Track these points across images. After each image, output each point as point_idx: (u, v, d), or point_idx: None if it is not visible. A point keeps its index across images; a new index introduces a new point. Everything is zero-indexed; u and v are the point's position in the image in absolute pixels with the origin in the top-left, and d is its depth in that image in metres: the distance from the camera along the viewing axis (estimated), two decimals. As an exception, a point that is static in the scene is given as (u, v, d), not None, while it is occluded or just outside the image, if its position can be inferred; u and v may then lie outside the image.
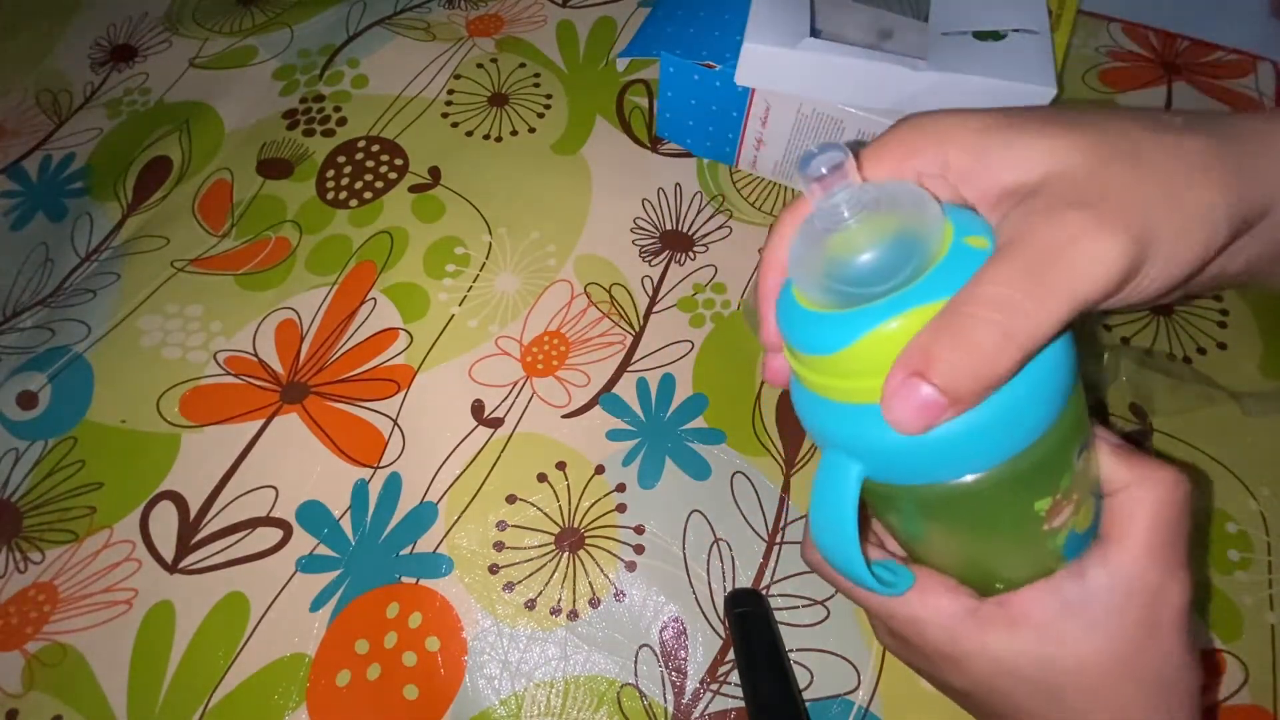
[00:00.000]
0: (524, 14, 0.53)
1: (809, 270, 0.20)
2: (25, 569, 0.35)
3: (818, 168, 0.19)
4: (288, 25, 0.53)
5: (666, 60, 0.41)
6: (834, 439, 0.21)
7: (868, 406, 0.19)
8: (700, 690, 0.33)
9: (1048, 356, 0.19)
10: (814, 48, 0.37)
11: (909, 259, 0.19)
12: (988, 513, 0.22)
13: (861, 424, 0.20)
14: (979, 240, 0.20)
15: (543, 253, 0.43)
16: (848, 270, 0.19)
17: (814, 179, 0.19)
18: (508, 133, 0.47)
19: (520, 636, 0.34)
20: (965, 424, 0.19)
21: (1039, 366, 0.19)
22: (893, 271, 0.19)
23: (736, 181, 0.46)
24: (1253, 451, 0.37)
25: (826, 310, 0.20)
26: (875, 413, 0.19)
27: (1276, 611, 0.34)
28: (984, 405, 0.19)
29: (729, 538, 0.36)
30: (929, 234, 0.19)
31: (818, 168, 0.19)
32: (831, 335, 0.19)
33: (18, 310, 0.42)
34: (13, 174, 0.48)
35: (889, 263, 0.19)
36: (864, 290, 0.19)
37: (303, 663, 0.33)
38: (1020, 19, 0.38)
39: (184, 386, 0.39)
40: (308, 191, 0.45)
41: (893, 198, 0.19)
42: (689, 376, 0.39)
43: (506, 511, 0.36)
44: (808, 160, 0.19)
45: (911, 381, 0.18)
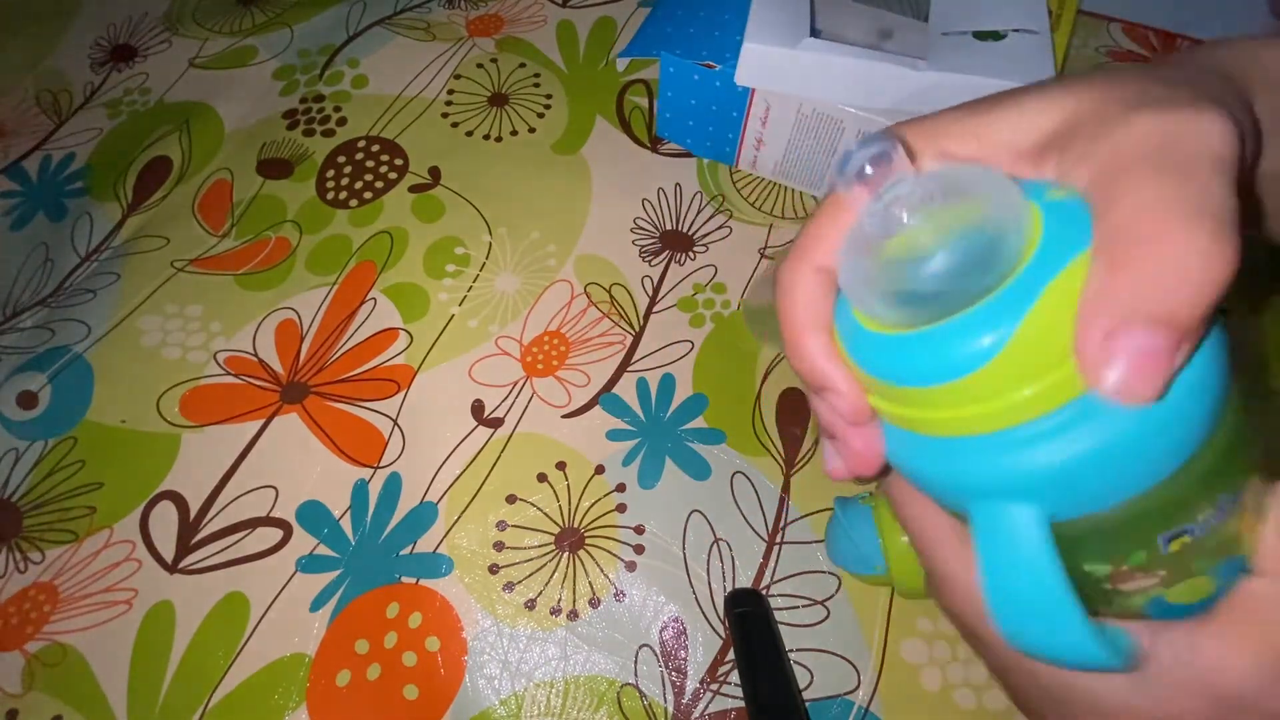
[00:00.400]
0: (524, 14, 0.53)
1: (881, 285, 0.16)
2: (25, 569, 0.35)
3: (860, 165, 0.16)
4: (288, 25, 0.53)
5: (666, 60, 0.41)
6: (991, 484, 0.16)
7: (1028, 425, 0.15)
8: (700, 690, 0.33)
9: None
10: (814, 48, 0.37)
11: (1009, 237, 0.15)
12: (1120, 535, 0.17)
13: (1026, 451, 0.15)
14: (1060, 193, 0.16)
15: (543, 253, 0.43)
16: (939, 268, 0.15)
17: (856, 178, 0.16)
18: (508, 133, 0.47)
19: (520, 636, 0.34)
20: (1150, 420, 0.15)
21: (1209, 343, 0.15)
22: (996, 257, 0.15)
23: (736, 181, 0.46)
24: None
25: (926, 326, 0.16)
26: (1042, 431, 0.15)
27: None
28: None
29: (729, 538, 0.36)
30: (1016, 205, 0.15)
31: (860, 165, 0.16)
32: (959, 350, 0.15)
33: (18, 310, 0.42)
34: (13, 174, 0.47)
35: (988, 247, 0.15)
36: (971, 284, 0.15)
37: (303, 663, 0.33)
38: (1020, 19, 0.38)
39: (184, 386, 0.39)
40: (308, 191, 0.45)
41: (956, 180, 0.16)
42: (689, 376, 0.39)
43: (506, 511, 0.36)
44: (847, 159, 0.16)
45: (1119, 334, 0.14)
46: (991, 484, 0.16)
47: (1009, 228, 0.15)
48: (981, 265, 0.15)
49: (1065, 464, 0.15)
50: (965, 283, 0.15)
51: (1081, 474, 0.15)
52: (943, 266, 0.15)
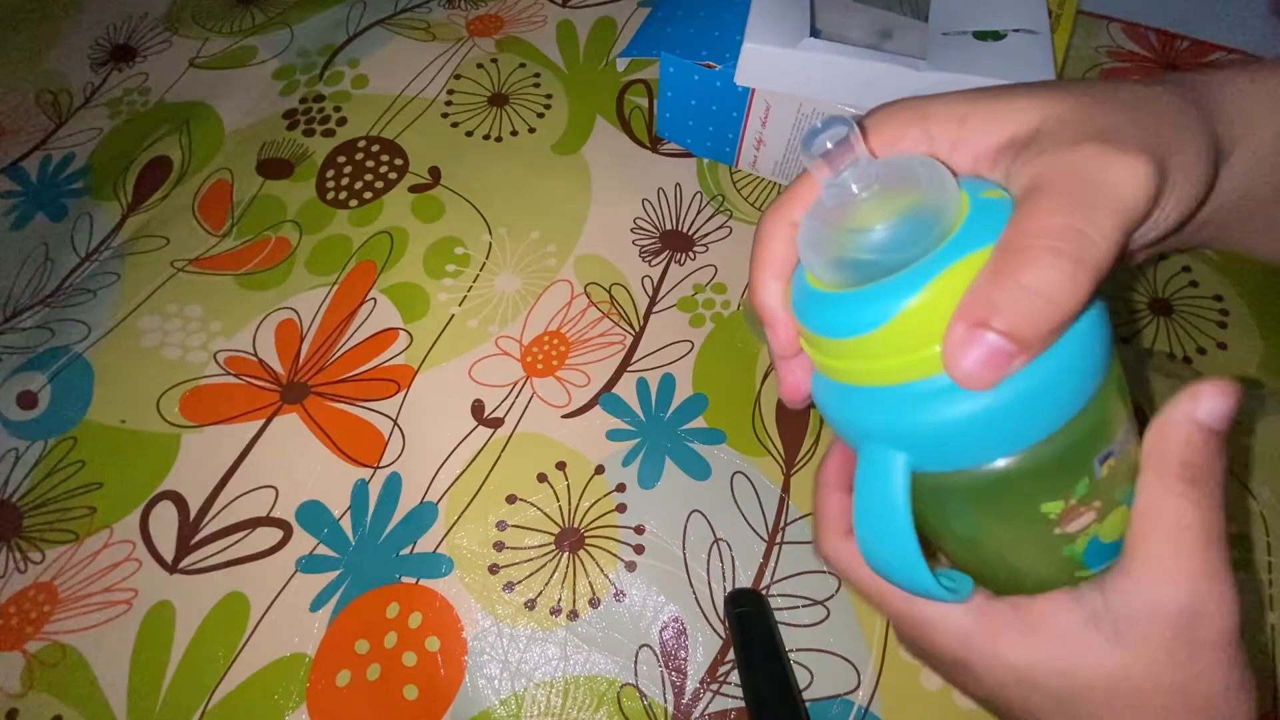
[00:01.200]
0: (524, 14, 0.53)
1: (824, 250, 0.19)
2: (25, 569, 0.35)
3: (823, 144, 0.18)
4: (288, 25, 0.53)
5: (666, 60, 0.41)
6: (875, 429, 0.19)
7: (910, 385, 0.18)
8: (700, 690, 0.33)
9: (1088, 319, 0.18)
10: (814, 48, 0.37)
11: (934, 222, 0.18)
12: (1009, 506, 0.20)
13: (906, 406, 0.18)
14: (995, 193, 0.19)
15: (543, 253, 0.43)
16: (870, 241, 0.18)
17: (819, 155, 0.19)
18: (508, 133, 0.47)
19: (520, 636, 0.34)
20: (1014, 391, 0.18)
21: (1084, 325, 0.18)
22: (919, 237, 0.18)
23: (736, 181, 0.46)
24: (1252, 452, 0.37)
25: (850, 289, 0.19)
26: (919, 392, 0.18)
27: (1277, 611, 0.34)
28: (1031, 371, 0.18)
29: (729, 538, 0.36)
30: (948, 195, 0.18)
31: (823, 144, 0.18)
32: (864, 312, 0.18)
33: (18, 310, 0.42)
34: (13, 174, 0.47)
35: (914, 228, 0.18)
36: (892, 258, 0.18)
37: (303, 663, 0.33)
38: (1020, 19, 0.38)
39: (184, 386, 0.39)
40: (308, 191, 0.45)
41: (903, 167, 0.19)
42: (689, 376, 0.39)
43: (506, 511, 0.36)
44: (812, 137, 0.18)
45: (976, 332, 0.17)
46: (876, 428, 0.19)
47: (937, 215, 0.18)
48: (906, 243, 0.18)
49: (925, 427, 0.18)
50: (890, 257, 0.18)
51: (936, 437, 0.19)
52: (874, 240, 0.18)
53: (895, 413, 0.19)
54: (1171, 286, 0.42)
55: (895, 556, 0.20)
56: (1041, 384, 0.18)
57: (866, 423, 0.20)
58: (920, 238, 0.18)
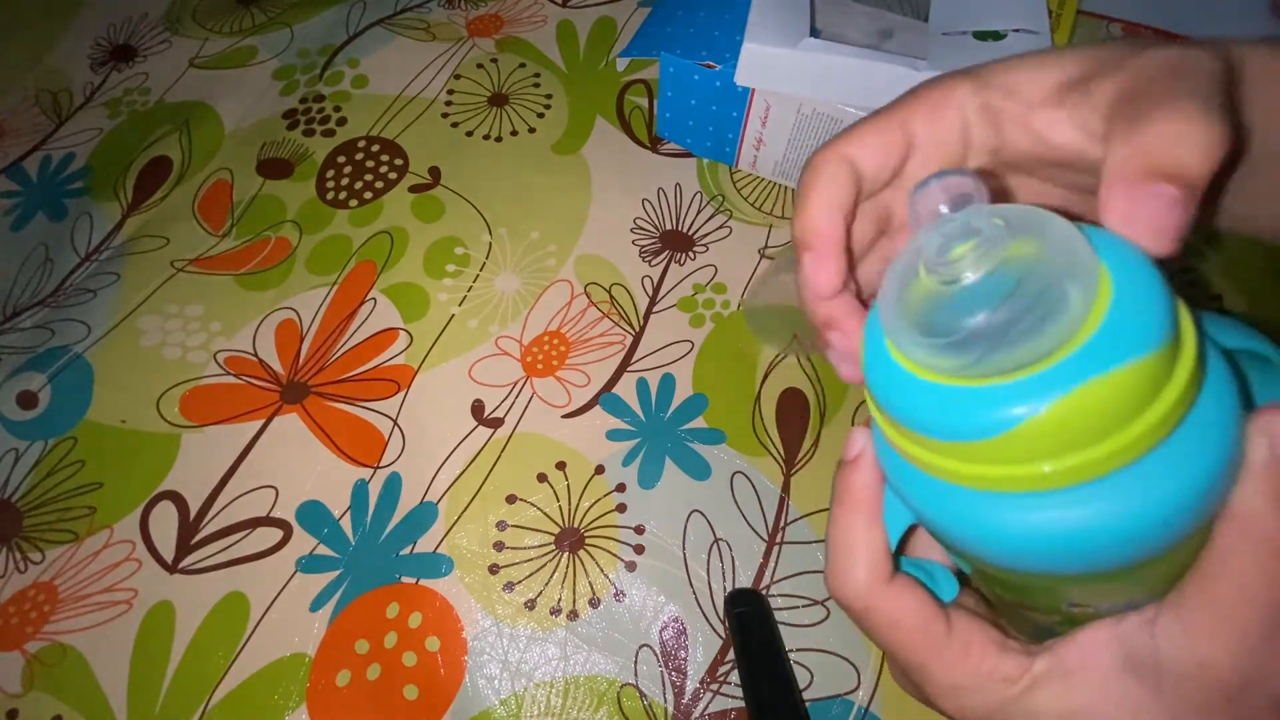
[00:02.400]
0: (524, 14, 0.53)
1: (921, 323, 0.16)
2: (25, 569, 0.35)
3: (935, 202, 0.15)
4: (288, 25, 0.53)
5: (666, 60, 0.41)
6: (950, 532, 0.17)
7: (1010, 495, 0.16)
8: (700, 690, 0.33)
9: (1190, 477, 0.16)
10: (814, 48, 0.37)
11: (1065, 306, 0.14)
12: (1035, 588, 0.19)
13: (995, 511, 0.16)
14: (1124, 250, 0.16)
15: (543, 253, 0.43)
16: (984, 324, 0.14)
17: (929, 220, 0.15)
18: (508, 133, 0.47)
19: (520, 636, 0.34)
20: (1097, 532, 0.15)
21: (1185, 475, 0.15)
22: (1046, 322, 0.14)
23: (736, 181, 0.46)
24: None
25: (955, 380, 0.15)
26: (1013, 501, 0.16)
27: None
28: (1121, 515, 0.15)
29: (729, 538, 0.36)
30: (1082, 270, 0.15)
31: (935, 202, 0.15)
32: (973, 416, 0.15)
33: (18, 310, 0.42)
34: (13, 174, 0.47)
35: (1042, 312, 0.14)
36: (1012, 350, 0.14)
37: (303, 663, 0.33)
38: (1020, 19, 0.38)
39: (184, 386, 0.39)
40: (308, 191, 0.45)
41: (1029, 223, 0.15)
42: (689, 376, 0.39)
43: (506, 511, 0.36)
44: (922, 189, 0.16)
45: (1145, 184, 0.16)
46: (947, 535, 0.18)
47: (1069, 296, 0.14)
48: (1030, 331, 0.14)
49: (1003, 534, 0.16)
50: (1009, 349, 0.14)
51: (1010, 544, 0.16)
52: (990, 324, 0.14)
53: (982, 516, 0.16)
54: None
55: None
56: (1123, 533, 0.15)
57: (942, 522, 0.17)
58: (1049, 323, 0.14)
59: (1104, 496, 0.15)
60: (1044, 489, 0.15)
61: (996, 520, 0.16)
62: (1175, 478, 0.15)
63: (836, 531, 0.22)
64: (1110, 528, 0.15)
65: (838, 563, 0.22)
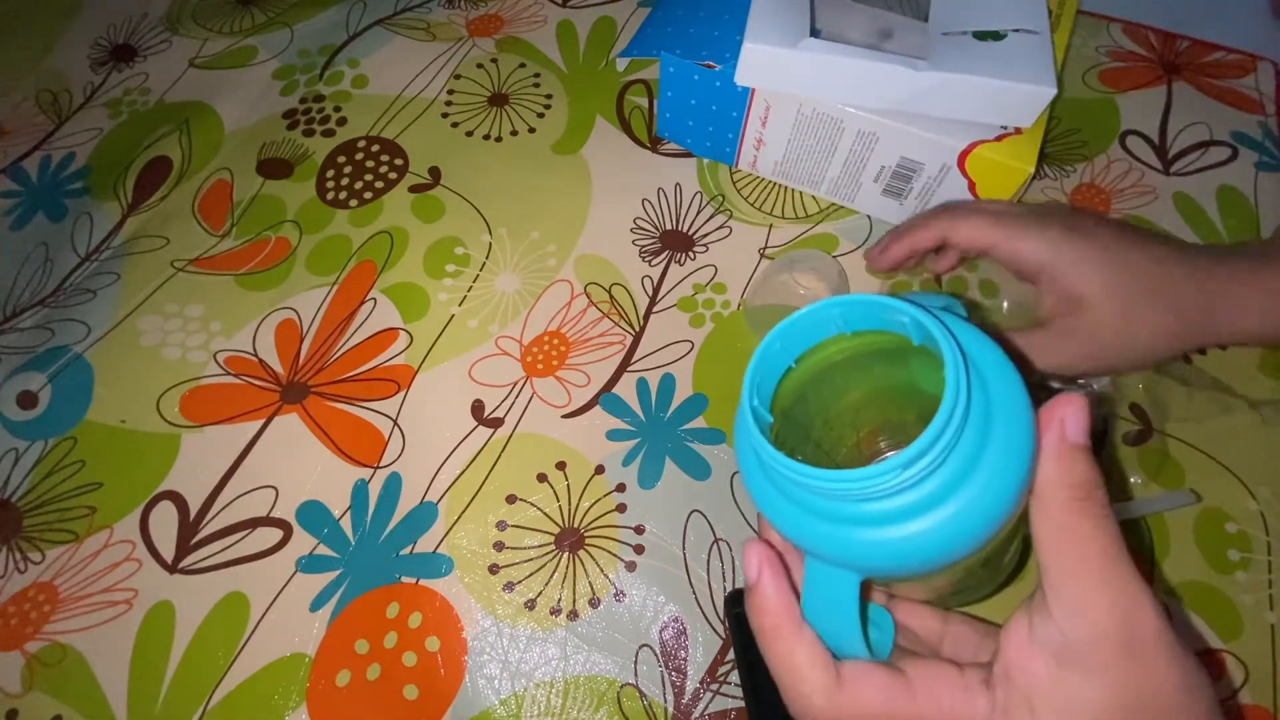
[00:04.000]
0: (524, 14, 0.53)
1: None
2: (25, 569, 0.35)
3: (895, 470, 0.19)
4: (288, 25, 0.53)
5: (666, 60, 0.41)
6: (825, 551, 0.21)
7: (855, 504, 0.20)
8: (700, 690, 0.33)
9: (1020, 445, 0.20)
10: (814, 48, 0.37)
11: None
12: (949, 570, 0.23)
13: (854, 533, 0.20)
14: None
15: (543, 253, 0.43)
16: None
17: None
18: (508, 133, 0.47)
19: (520, 636, 0.34)
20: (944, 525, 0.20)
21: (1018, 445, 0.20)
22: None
23: (736, 181, 0.46)
24: (1252, 452, 0.37)
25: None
26: (866, 516, 0.20)
27: (1276, 611, 0.34)
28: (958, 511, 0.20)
29: (729, 538, 0.36)
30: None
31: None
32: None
33: (18, 310, 0.42)
34: (13, 174, 0.48)
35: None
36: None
37: (303, 663, 0.33)
38: (1020, 19, 0.38)
39: (184, 386, 0.39)
40: (308, 191, 0.45)
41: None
42: (689, 376, 0.39)
43: (506, 511, 0.36)
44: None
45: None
46: (824, 552, 0.21)
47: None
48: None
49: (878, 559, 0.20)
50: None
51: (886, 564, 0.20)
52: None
53: (845, 540, 0.20)
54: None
55: (845, 644, 0.23)
56: (982, 520, 0.20)
57: (816, 543, 0.21)
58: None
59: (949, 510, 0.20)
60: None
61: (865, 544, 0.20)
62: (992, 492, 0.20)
63: (773, 661, 0.24)
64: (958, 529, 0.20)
65: (790, 691, 0.24)
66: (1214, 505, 0.36)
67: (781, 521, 0.22)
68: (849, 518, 0.20)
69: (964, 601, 0.31)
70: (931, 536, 0.19)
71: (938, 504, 0.19)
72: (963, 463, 0.19)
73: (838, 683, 0.23)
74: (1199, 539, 0.35)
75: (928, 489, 0.19)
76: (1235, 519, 0.36)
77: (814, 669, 0.23)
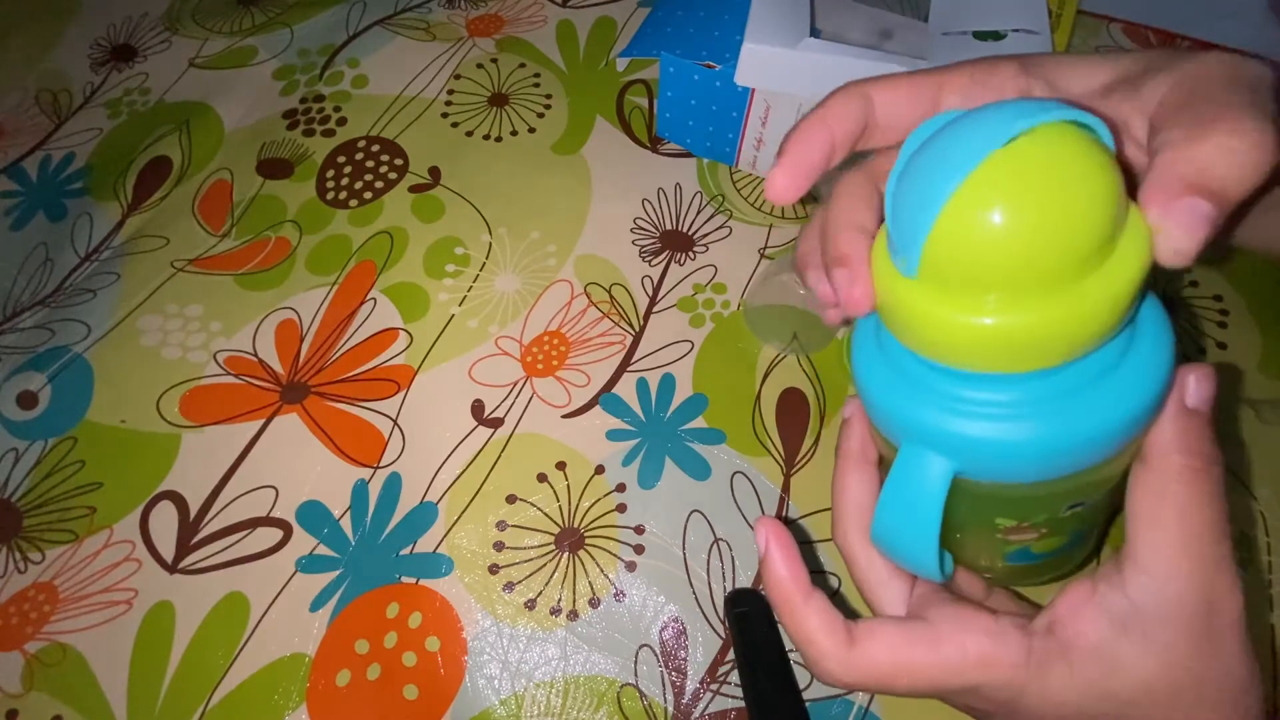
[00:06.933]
0: (524, 14, 0.53)
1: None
2: (25, 569, 0.35)
3: None
4: (288, 25, 0.53)
5: (666, 60, 0.41)
6: (924, 431, 0.19)
7: (965, 382, 0.18)
8: (700, 690, 0.33)
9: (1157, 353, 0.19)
10: (814, 48, 0.37)
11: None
12: (974, 511, 0.21)
13: (959, 413, 0.19)
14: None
15: (543, 253, 0.43)
16: None
17: None
18: (508, 133, 0.47)
19: (520, 636, 0.34)
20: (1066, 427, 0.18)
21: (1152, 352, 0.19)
22: None
23: (736, 181, 0.46)
24: (1252, 452, 0.37)
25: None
26: (975, 401, 0.18)
27: (1276, 611, 0.34)
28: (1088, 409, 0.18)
29: (729, 538, 0.36)
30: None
31: None
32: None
33: (18, 310, 0.42)
34: (13, 174, 0.47)
35: None
36: None
37: (303, 663, 0.33)
38: (1020, 19, 0.38)
39: (184, 386, 0.39)
40: (308, 191, 0.45)
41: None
42: (689, 376, 0.39)
43: (506, 511, 0.36)
44: None
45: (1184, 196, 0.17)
46: (922, 432, 0.19)
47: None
48: None
49: (992, 443, 0.18)
50: None
51: (1003, 456, 0.19)
52: None
53: (951, 418, 0.19)
54: (1171, 286, 0.42)
55: (917, 550, 0.21)
56: (1095, 428, 0.18)
57: (916, 420, 0.19)
58: None
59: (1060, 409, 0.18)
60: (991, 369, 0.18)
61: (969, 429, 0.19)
62: (1124, 401, 0.18)
63: (789, 633, 0.23)
64: (1066, 436, 0.18)
65: (807, 660, 0.23)
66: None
67: (885, 394, 0.20)
68: (959, 397, 0.19)
69: (1024, 578, 0.29)
70: (1037, 433, 0.18)
71: (1053, 404, 0.18)
72: (1102, 363, 0.18)
73: (849, 644, 0.22)
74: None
75: (1052, 384, 0.18)
76: (1235, 519, 0.36)
77: (824, 635, 0.22)
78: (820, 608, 0.22)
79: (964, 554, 0.25)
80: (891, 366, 0.20)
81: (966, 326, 0.17)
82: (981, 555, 0.25)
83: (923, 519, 0.20)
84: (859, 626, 0.22)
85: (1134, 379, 0.18)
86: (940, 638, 0.21)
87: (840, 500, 0.25)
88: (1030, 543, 0.22)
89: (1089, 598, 0.21)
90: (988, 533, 0.22)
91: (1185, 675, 0.20)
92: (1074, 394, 0.18)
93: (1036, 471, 0.19)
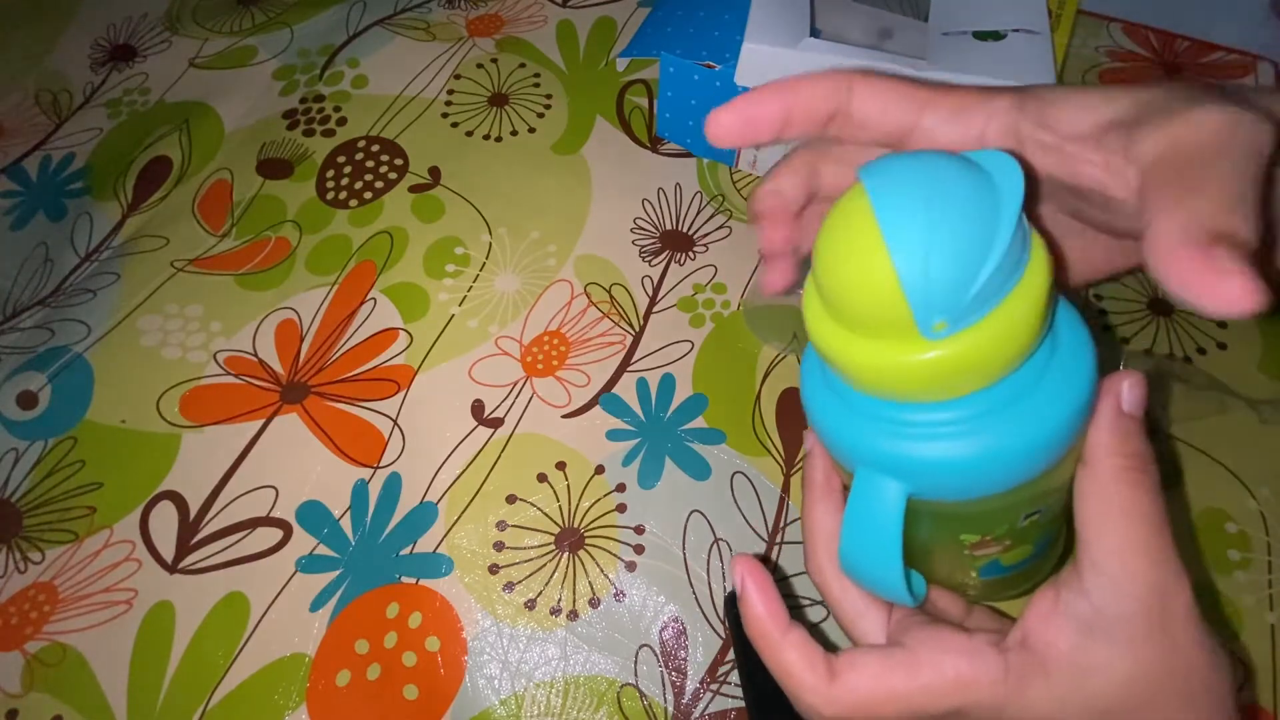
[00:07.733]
0: (524, 14, 0.53)
1: None
2: (25, 569, 0.35)
3: None
4: (288, 25, 0.53)
5: (666, 60, 0.41)
6: (875, 457, 0.20)
7: (912, 411, 0.19)
8: (700, 690, 0.33)
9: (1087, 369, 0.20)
10: (814, 48, 0.37)
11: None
12: (938, 529, 0.22)
13: (908, 437, 0.19)
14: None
15: (543, 253, 0.43)
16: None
17: None
18: (508, 133, 0.47)
19: (520, 636, 0.34)
20: (1014, 440, 0.19)
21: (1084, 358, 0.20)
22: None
23: (736, 181, 0.46)
24: (1252, 451, 0.37)
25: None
26: (922, 423, 0.19)
27: (1276, 611, 0.34)
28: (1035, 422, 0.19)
29: (729, 538, 0.36)
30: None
31: None
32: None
33: (18, 310, 0.42)
34: (13, 174, 0.48)
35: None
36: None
37: (303, 663, 0.33)
38: (1020, 19, 0.38)
39: (184, 386, 0.39)
40: (308, 191, 0.45)
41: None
42: (689, 376, 0.39)
43: (506, 511, 0.36)
44: None
45: (1211, 248, 0.16)
46: (873, 458, 0.20)
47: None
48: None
49: (940, 462, 0.19)
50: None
51: (936, 472, 0.19)
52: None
53: (898, 442, 0.19)
54: (1171, 286, 0.42)
55: (882, 574, 0.21)
56: (1035, 435, 0.19)
57: (866, 448, 0.20)
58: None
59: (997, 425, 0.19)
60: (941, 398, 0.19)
61: (919, 450, 0.19)
62: (1055, 406, 0.19)
63: (770, 668, 0.24)
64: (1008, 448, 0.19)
65: (790, 695, 0.23)
66: (1214, 505, 0.36)
67: (835, 425, 0.21)
68: (903, 422, 0.19)
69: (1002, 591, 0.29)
70: (982, 447, 0.19)
71: (992, 418, 0.19)
72: (1028, 378, 0.19)
73: (830, 678, 0.22)
74: (1199, 539, 0.35)
75: (987, 401, 0.19)
76: (1235, 519, 0.36)
77: (804, 669, 0.22)
78: (798, 642, 0.23)
79: (938, 573, 0.25)
80: (838, 397, 0.21)
81: (891, 367, 0.18)
82: (955, 573, 0.25)
83: (883, 542, 0.20)
84: (839, 659, 0.22)
85: (1063, 384, 0.19)
86: (918, 662, 0.22)
87: (810, 531, 0.25)
88: (998, 555, 0.23)
89: (1054, 606, 0.21)
90: (955, 550, 0.23)
91: (1156, 669, 0.20)
92: (1011, 406, 0.19)
93: (987, 485, 0.20)
